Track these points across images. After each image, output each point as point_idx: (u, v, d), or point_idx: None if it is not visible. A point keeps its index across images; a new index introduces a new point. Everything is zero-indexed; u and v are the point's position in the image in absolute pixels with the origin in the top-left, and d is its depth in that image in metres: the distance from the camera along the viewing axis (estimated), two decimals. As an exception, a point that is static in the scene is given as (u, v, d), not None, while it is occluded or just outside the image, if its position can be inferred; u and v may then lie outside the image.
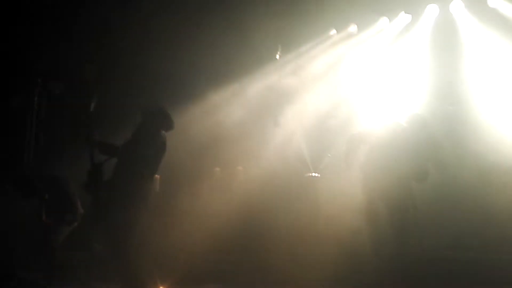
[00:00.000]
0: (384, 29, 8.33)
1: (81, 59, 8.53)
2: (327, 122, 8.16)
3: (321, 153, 8.02)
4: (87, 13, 8.24)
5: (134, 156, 5.48)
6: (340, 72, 8.55)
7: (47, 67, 8.48)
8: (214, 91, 8.33)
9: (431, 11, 7.88)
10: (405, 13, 8.09)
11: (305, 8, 7.99)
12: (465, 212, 6.97)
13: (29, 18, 8.17)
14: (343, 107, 8.18)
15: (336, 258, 5.95)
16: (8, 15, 8.06)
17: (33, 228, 6.46)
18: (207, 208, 7.50)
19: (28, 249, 6.67)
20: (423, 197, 6.84)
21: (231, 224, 6.91)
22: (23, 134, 8.41)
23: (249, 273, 6.38)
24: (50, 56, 8.44)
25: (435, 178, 7.03)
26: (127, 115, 8.17)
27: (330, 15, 8.20)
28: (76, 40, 8.44)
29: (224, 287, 6.07)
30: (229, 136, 8.15)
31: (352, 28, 8.54)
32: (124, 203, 5.33)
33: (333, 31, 8.67)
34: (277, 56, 8.64)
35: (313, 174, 7.93)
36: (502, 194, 6.82)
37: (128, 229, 5.34)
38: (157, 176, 7.89)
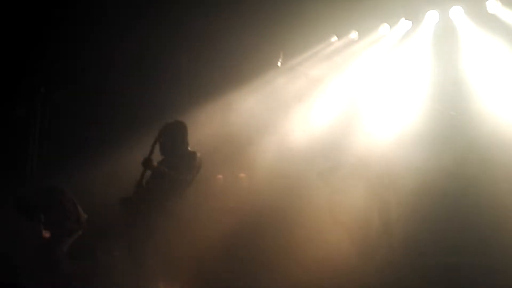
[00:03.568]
0: (385, 35, 8.34)
1: (86, 66, 8.61)
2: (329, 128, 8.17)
3: (325, 159, 8.02)
4: (91, 18, 8.29)
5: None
6: (342, 78, 8.56)
7: (50, 75, 8.54)
8: (214, 99, 8.37)
9: (431, 17, 7.89)
10: (406, 19, 8.10)
11: (306, 15, 8.00)
12: (468, 218, 6.98)
13: (32, 26, 8.22)
14: (345, 113, 8.21)
15: (344, 264, 5.98)
16: (11, 23, 8.11)
17: (37, 237, 6.51)
18: (210, 216, 7.53)
19: (32, 258, 6.72)
20: (425, 201, 6.90)
21: (235, 232, 6.95)
22: (26, 143, 8.47)
23: (254, 280, 6.40)
24: (53, 64, 8.49)
25: (437, 185, 7.11)
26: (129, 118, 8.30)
27: (331, 22, 8.22)
28: (80, 48, 8.50)
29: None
30: (231, 144, 8.19)
31: (353, 34, 8.56)
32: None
33: (334, 38, 8.69)
34: (279, 63, 8.68)
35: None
36: (506, 199, 6.82)
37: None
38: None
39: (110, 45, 8.36)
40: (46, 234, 6.19)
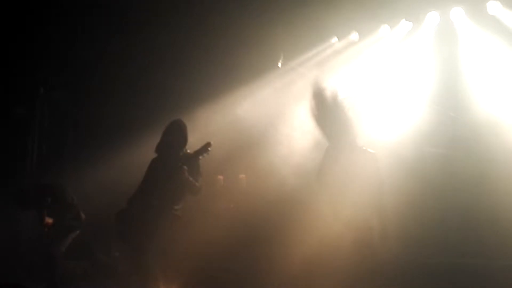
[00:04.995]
0: (385, 36, 8.35)
1: (85, 67, 8.62)
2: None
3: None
4: (91, 20, 8.29)
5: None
6: (343, 78, 8.56)
7: (50, 75, 8.54)
8: (215, 99, 8.37)
9: (432, 19, 7.90)
10: (406, 20, 8.11)
11: (306, 16, 8.01)
12: (467, 219, 6.98)
13: (33, 26, 8.23)
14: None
15: (344, 267, 5.97)
16: (11, 23, 8.11)
17: (36, 238, 6.51)
18: (211, 217, 7.53)
19: (31, 259, 6.72)
20: (425, 204, 6.90)
21: (236, 232, 6.94)
22: (26, 143, 8.47)
23: (252, 282, 6.40)
24: (53, 64, 8.49)
25: (437, 186, 7.12)
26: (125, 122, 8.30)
27: (332, 23, 8.22)
28: (80, 48, 8.50)
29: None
30: (232, 144, 8.18)
31: (354, 35, 8.57)
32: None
33: (334, 39, 8.70)
34: (279, 64, 8.68)
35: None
36: (505, 200, 6.82)
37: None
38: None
39: (111, 44, 8.36)
40: (49, 220, 6.18)
